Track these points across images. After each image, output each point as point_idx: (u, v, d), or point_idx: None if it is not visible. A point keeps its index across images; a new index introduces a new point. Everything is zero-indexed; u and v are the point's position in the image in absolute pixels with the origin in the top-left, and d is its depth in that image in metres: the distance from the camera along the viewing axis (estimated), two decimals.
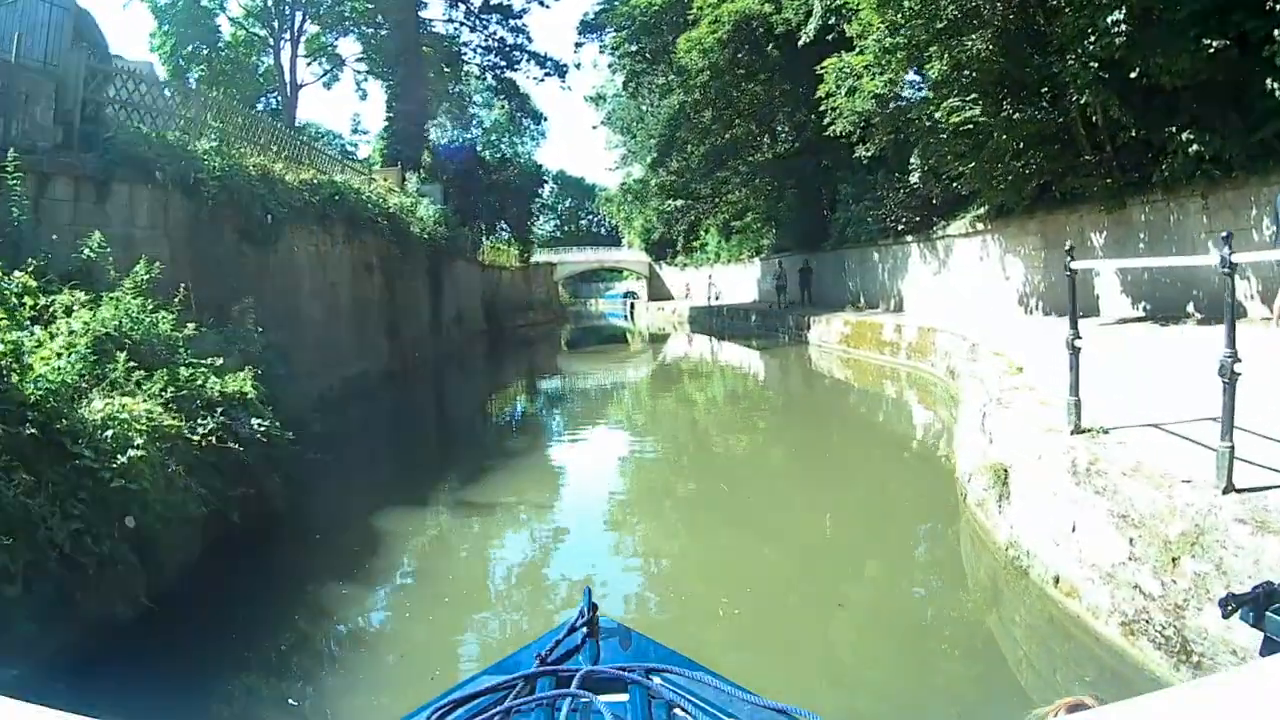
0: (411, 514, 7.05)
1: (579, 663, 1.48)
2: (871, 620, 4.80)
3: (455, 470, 9.14)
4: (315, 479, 7.34)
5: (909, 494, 6.95)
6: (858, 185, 19.45)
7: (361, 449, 9.88)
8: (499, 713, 1.24)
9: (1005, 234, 14.81)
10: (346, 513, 7.06)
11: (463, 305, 25.59)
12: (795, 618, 4.91)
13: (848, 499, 7.16)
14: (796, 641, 4.52)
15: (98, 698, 3.01)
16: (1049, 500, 4.31)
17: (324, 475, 7.51)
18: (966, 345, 10.10)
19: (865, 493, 7.29)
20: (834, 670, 4.24)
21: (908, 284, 18.34)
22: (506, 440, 10.81)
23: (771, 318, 23.37)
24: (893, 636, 4.55)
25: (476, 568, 6.05)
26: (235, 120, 11.21)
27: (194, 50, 37.98)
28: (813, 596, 5.29)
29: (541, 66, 31.14)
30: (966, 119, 10.37)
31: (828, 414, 11.90)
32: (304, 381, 11.31)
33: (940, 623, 4.71)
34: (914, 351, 13.39)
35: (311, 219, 11.85)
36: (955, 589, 5.12)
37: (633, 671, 1.33)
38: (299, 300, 11.68)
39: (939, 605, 4.93)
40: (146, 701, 3.10)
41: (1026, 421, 4.95)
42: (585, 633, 1.58)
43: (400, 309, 16.89)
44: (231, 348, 7.32)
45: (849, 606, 4.94)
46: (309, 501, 7.03)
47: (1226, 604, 1.18)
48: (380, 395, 14.04)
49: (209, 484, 5.06)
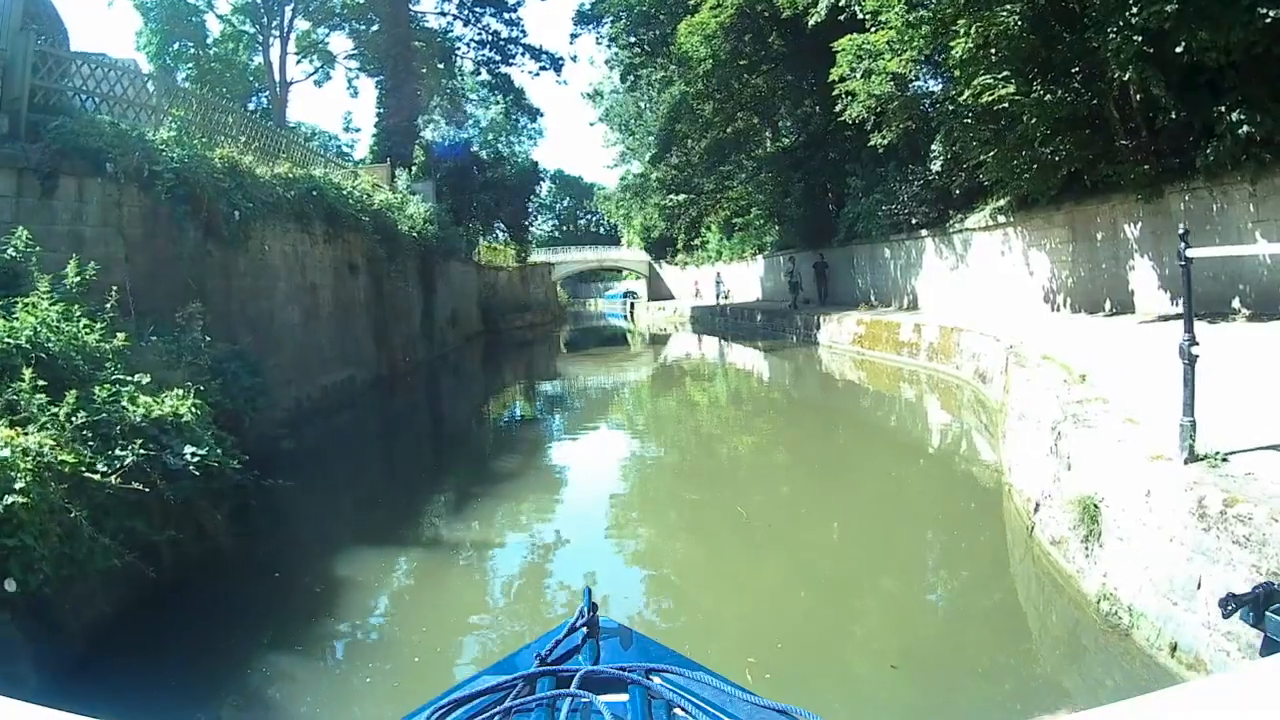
0: (387, 547, 6.18)
1: (579, 663, 1.46)
2: (931, 684, 3.94)
3: (442, 490, 8.27)
4: (277, 507, 6.47)
5: (953, 520, 6.07)
6: (868, 178, 18.56)
7: (336, 466, 9.00)
8: (499, 713, 1.22)
9: (1029, 226, 13.93)
10: (311, 546, 6.19)
11: (457, 307, 24.72)
12: (840, 680, 4.06)
13: (885, 524, 6.29)
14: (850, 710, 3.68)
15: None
16: (1163, 547, 3.44)
17: (288, 502, 6.64)
18: (1002, 347, 9.22)
19: (903, 517, 6.41)
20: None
21: (922, 281, 17.46)
22: (499, 455, 9.92)
23: (778, 317, 22.47)
24: (959, 707, 3.70)
25: (456, 615, 5.17)
26: (199, 107, 10.30)
27: (181, 49, 37.20)
28: (856, 650, 4.43)
29: (536, 60, 30.28)
30: (999, 98, 9.47)
31: (848, 423, 11.00)
32: (279, 392, 10.44)
33: (1020, 688, 3.85)
34: (936, 353, 12.52)
35: (287, 216, 10.97)
36: (1030, 644, 4.25)
37: (633, 671, 1.31)
38: (273, 303, 10.80)
39: (1014, 665, 4.06)
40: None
41: (1117, 445, 4.08)
42: (585, 633, 1.57)
43: (389, 311, 16.02)
44: (180, 359, 6.43)
45: (903, 668, 4.08)
46: (270, 535, 6.16)
47: (1227, 604, 1.16)
48: (365, 403, 13.16)
49: (128, 528, 4.18)
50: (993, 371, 9.70)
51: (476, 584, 5.74)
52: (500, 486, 8.29)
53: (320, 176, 12.04)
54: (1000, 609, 4.55)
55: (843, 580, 5.24)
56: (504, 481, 8.48)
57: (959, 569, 5.14)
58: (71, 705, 0.94)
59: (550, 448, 10.57)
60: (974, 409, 10.37)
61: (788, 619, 4.67)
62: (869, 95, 12.27)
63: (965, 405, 10.76)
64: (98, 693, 3.57)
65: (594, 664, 1.45)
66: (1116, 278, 12.29)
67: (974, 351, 10.85)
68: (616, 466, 9.24)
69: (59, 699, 2.86)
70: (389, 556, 5.94)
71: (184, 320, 6.92)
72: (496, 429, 12.78)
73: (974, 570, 5.01)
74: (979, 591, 4.83)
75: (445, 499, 7.94)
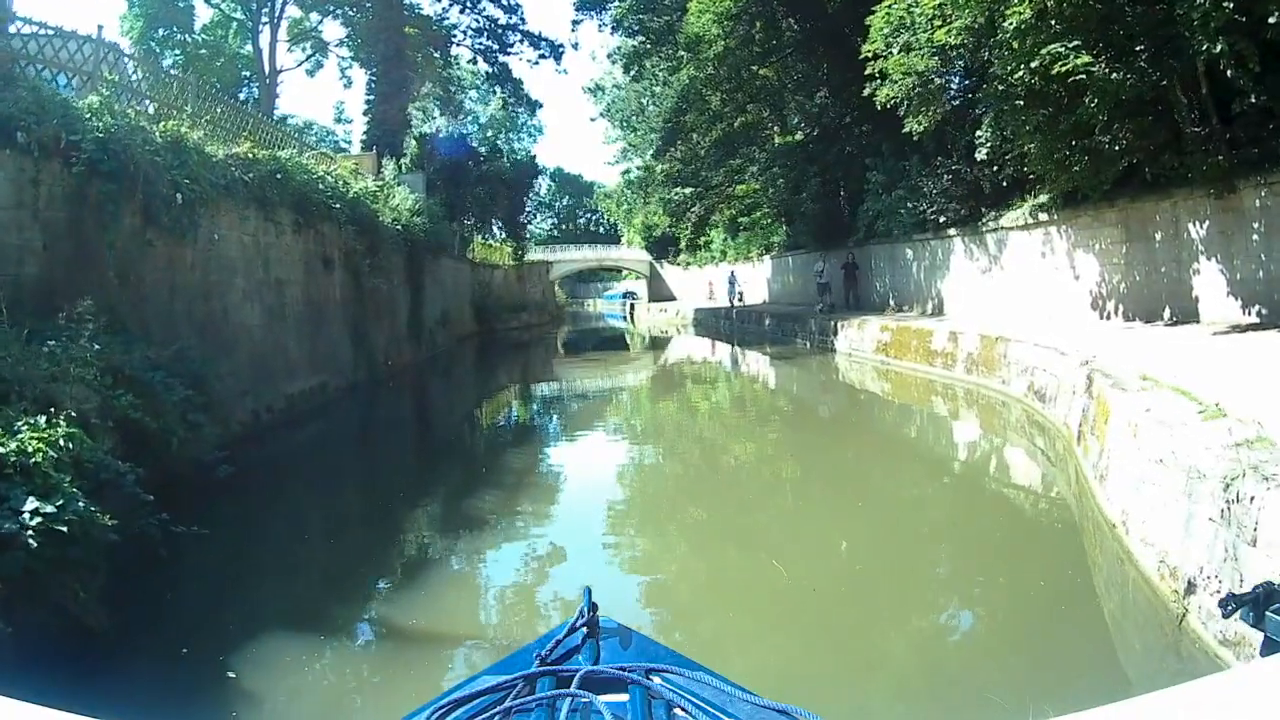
0: (336, 611, 4.86)
1: (579, 663, 1.41)
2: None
3: (415, 521, 6.93)
4: (189, 560, 5.16)
5: (1054, 593, 4.69)
6: (889, 173, 17.24)
7: (290, 493, 7.63)
8: (499, 713, 1.19)
9: (1076, 225, 12.63)
10: (234, 606, 4.86)
11: (449, 306, 23.41)
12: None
13: (961, 597, 4.98)
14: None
15: None
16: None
17: (205, 553, 5.32)
18: (1070, 362, 7.91)
19: (985, 588, 5.09)
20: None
21: (948, 284, 16.15)
22: (485, 475, 8.57)
23: (789, 321, 21.12)
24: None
25: None
26: (143, 70, 8.97)
27: (167, 35, 35.85)
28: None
29: (536, 48, 28.95)
30: (1072, 69, 8.16)
31: (885, 446, 9.63)
32: (232, 403, 9.12)
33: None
34: (976, 365, 11.20)
35: (245, 201, 9.64)
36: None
37: (633, 671, 1.28)
38: (228, 301, 9.47)
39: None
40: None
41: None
42: (585, 633, 1.52)
43: (369, 310, 14.70)
44: (71, 370, 5.10)
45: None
46: (174, 600, 4.83)
47: (1226, 604, 1.09)
48: (338, 413, 11.82)
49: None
50: (1054, 390, 8.39)
51: (443, 658, 4.42)
52: (487, 514, 6.98)
53: (288, 158, 10.69)
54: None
55: (915, 682, 3.92)
56: (491, 509, 7.17)
57: (1084, 671, 3.81)
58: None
59: (545, 470, 9.23)
60: (1024, 431, 9.06)
61: None
62: (908, 73, 10.92)
63: (1014, 426, 9.44)
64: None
65: (594, 664, 1.40)
66: (1178, 283, 10.99)
67: (1028, 365, 9.54)
68: (623, 499, 7.93)
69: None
70: (331, 630, 4.61)
71: (72, 321, 5.54)
72: (485, 443, 11.43)
73: (1109, 675, 3.68)
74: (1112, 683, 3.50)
75: (419, 533, 6.62)
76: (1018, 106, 9.91)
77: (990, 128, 10.67)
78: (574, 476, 8.78)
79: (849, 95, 21.04)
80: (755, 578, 5.20)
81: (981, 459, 8.84)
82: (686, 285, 45.05)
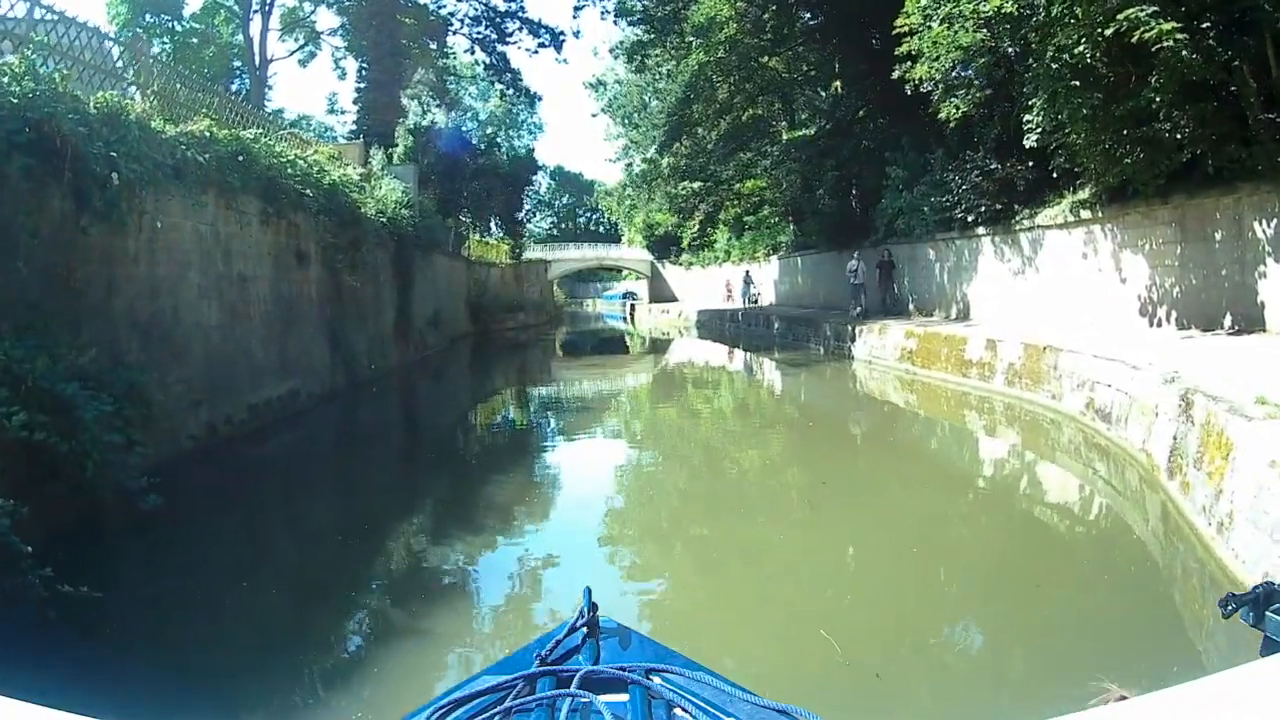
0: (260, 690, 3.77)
1: (579, 662, 1.38)
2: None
3: (382, 562, 5.84)
4: (88, 620, 4.07)
5: (1155, 648, 3.66)
6: (910, 168, 16.17)
7: (223, 533, 6.43)
8: (499, 713, 1.16)
9: (1123, 223, 11.54)
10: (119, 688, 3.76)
11: (441, 305, 22.33)
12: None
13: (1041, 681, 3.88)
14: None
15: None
16: None
17: (107, 612, 4.22)
18: (1148, 379, 6.81)
19: (1070, 654, 4.00)
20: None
21: (976, 286, 15.06)
22: (467, 502, 7.47)
23: (799, 324, 20.01)
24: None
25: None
26: (77, 38, 7.86)
27: (156, 22, 34.72)
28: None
29: (536, 36, 27.83)
30: (1158, 34, 7.07)
31: (921, 472, 8.50)
32: (179, 416, 8.03)
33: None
34: (1019, 377, 10.11)
35: (201, 186, 8.53)
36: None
37: (633, 671, 1.26)
38: (179, 299, 8.36)
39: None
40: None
41: None
42: (585, 633, 1.49)
43: (351, 310, 13.60)
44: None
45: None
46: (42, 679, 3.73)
47: (1226, 604, 1.11)
48: (308, 424, 10.69)
49: None
50: (1124, 409, 7.30)
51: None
52: (475, 542, 5.89)
53: (252, 138, 9.57)
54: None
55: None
56: (481, 529, 6.09)
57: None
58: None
59: (540, 488, 8.14)
60: (1078, 454, 7.98)
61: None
62: (951, 48, 9.81)
63: (1065, 448, 8.36)
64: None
65: (594, 664, 1.37)
66: (1241, 287, 9.90)
67: (1085, 379, 8.44)
68: (630, 539, 6.83)
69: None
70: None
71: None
72: (473, 455, 10.31)
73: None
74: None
75: (388, 577, 5.53)
76: (1073, 87, 8.83)
77: (1043, 110, 9.56)
78: (572, 496, 7.67)
79: (864, 87, 20.02)
80: (805, 652, 4.12)
81: (1031, 487, 7.73)
82: (689, 286, 43.97)
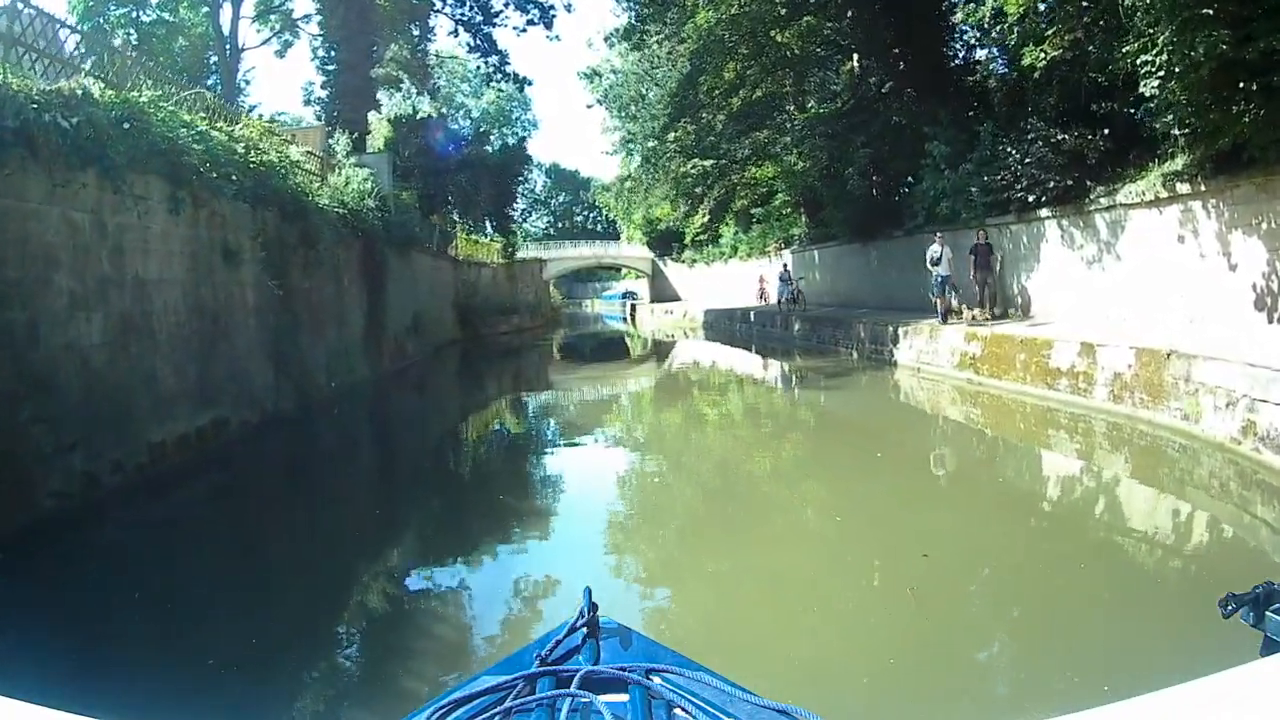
0: None
1: (579, 663, 1.36)
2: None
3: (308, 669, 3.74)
4: None
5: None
6: (953, 144, 14.07)
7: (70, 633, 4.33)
8: (499, 713, 1.13)
9: (1231, 198, 9.45)
10: None
11: (423, 309, 20.23)
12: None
13: None
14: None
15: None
16: None
17: None
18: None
19: None
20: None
21: (1038, 277, 12.96)
22: (433, 565, 5.37)
23: (823, 325, 17.90)
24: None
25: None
26: None
27: (118, 11, 32.56)
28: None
29: (524, 11, 25.69)
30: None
31: (1015, 515, 6.40)
32: (35, 469, 5.93)
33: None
34: (1129, 390, 8.00)
35: (72, 162, 6.43)
36: None
37: (633, 671, 1.24)
38: (38, 310, 6.22)
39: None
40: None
41: None
42: (585, 633, 1.46)
43: (304, 319, 11.49)
44: None
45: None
46: None
47: (1226, 604, 1.10)
48: (232, 467, 8.43)
49: None
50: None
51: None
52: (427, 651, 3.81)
53: (150, 101, 7.46)
54: None
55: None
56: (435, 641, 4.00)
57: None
58: None
59: (530, 564, 6.03)
60: (1227, 493, 5.90)
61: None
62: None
63: (1202, 484, 6.27)
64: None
65: (594, 664, 1.35)
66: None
67: (1239, 395, 6.34)
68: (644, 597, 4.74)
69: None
70: None
71: None
72: (441, 508, 8.17)
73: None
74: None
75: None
76: (1204, 17, 6.78)
77: (1168, 47, 7.45)
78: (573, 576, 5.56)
79: (892, 59, 17.98)
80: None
81: (1162, 537, 5.63)
82: (693, 284, 41.84)
